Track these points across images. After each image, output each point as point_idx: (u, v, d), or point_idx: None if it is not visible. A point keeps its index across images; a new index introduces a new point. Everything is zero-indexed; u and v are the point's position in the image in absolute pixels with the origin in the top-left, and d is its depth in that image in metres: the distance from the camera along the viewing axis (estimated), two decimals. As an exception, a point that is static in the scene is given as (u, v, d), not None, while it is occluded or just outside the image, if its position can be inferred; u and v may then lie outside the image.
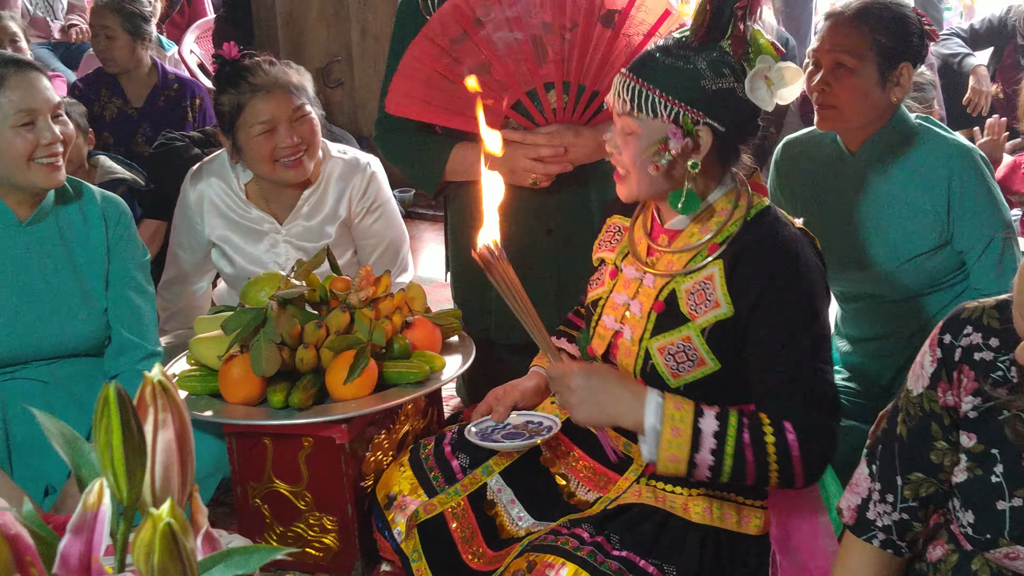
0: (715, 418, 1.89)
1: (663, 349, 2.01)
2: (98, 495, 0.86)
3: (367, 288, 2.47)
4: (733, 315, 1.96)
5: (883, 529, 1.63)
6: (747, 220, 2.01)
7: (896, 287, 2.59)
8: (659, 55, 1.97)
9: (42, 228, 2.50)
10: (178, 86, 4.49)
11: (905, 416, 1.60)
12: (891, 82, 2.49)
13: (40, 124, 2.40)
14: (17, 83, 2.39)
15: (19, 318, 2.45)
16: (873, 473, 1.64)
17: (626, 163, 2.01)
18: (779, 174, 2.77)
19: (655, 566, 1.96)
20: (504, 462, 2.27)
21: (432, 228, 5.21)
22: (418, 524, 2.19)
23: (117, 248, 2.58)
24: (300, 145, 2.80)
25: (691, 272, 2.02)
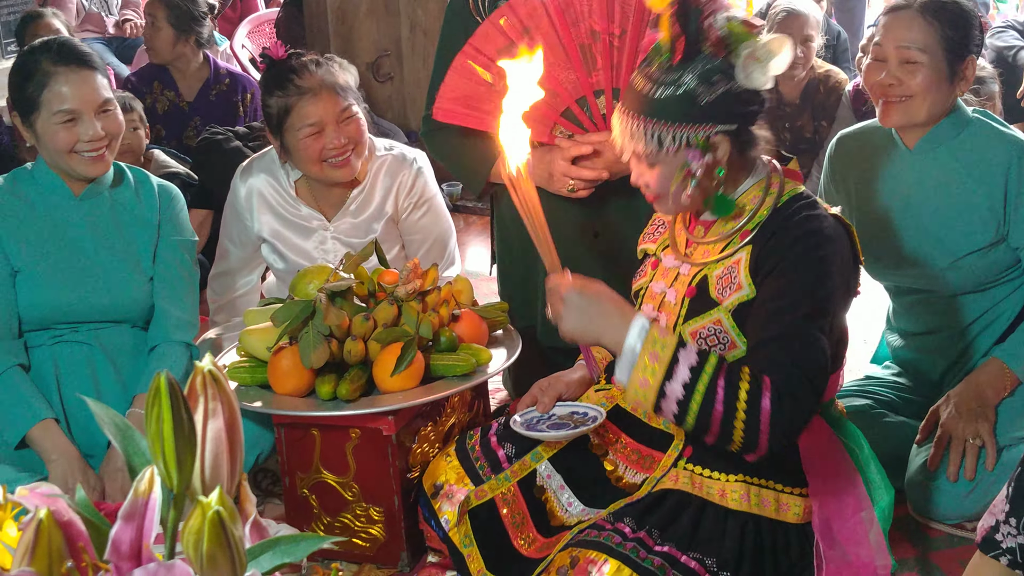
0: (696, 354, 1.86)
1: (695, 333, 2.03)
2: (149, 483, 0.88)
3: (414, 281, 2.48)
4: (755, 296, 1.98)
5: (1007, 551, 1.59)
6: (778, 206, 2.02)
7: (950, 283, 2.56)
8: (647, 88, 1.97)
9: (95, 203, 2.65)
10: (230, 81, 4.53)
11: None
12: (958, 76, 2.46)
13: (83, 121, 2.51)
14: (65, 81, 2.51)
15: (72, 280, 2.59)
16: (1008, 495, 1.59)
17: (656, 191, 2.04)
18: (833, 169, 2.74)
19: (696, 560, 1.96)
20: (553, 448, 2.28)
21: (479, 222, 5.21)
22: (469, 510, 2.20)
23: (167, 227, 2.70)
24: (347, 145, 2.81)
25: (723, 259, 2.04)
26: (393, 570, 2.45)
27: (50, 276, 2.58)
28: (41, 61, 2.52)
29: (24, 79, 2.53)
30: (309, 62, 2.81)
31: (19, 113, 2.57)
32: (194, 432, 0.88)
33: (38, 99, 2.51)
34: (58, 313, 2.59)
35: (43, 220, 2.61)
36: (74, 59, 2.54)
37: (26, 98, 2.53)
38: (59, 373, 2.61)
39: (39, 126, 2.53)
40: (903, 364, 2.77)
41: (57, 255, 2.59)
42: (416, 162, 2.99)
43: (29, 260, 2.58)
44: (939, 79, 2.45)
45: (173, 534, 0.90)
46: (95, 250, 2.62)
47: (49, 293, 2.57)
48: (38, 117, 2.52)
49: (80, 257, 2.61)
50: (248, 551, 0.91)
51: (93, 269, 2.61)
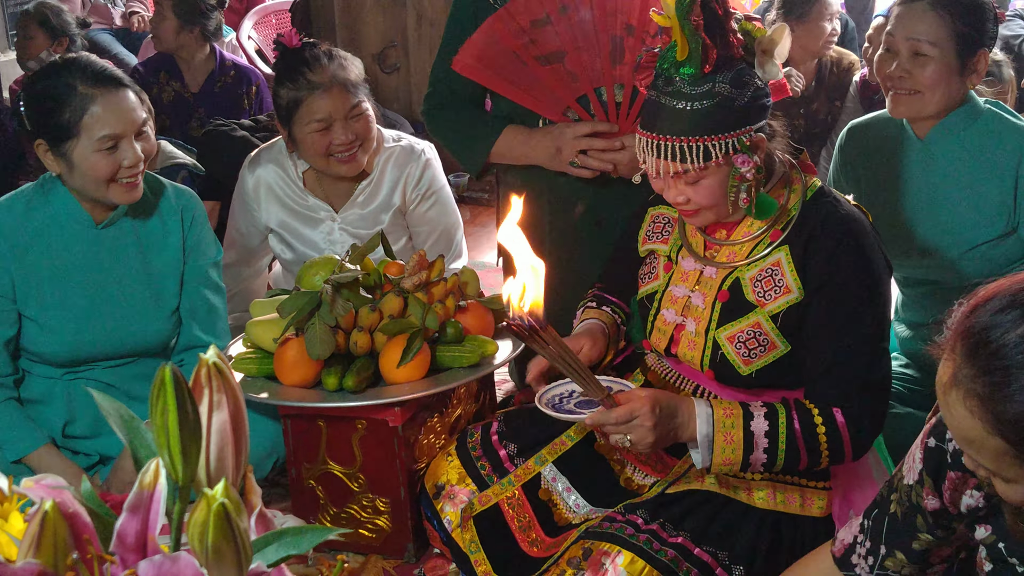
0: (764, 418, 1.92)
1: (732, 338, 2.01)
2: (154, 475, 0.87)
3: (421, 272, 2.48)
4: (803, 299, 1.97)
5: None
6: (805, 202, 2.00)
7: (960, 274, 2.55)
8: (680, 105, 1.91)
9: (116, 229, 2.51)
10: (235, 73, 4.53)
11: (899, 498, 1.58)
12: (969, 69, 2.45)
13: (123, 146, 2.35)
14: (105, 105, 2.32)
15: (88, 319, 2.48)
16: (865, 529, 1.63)
17: (702, 204, 1.98)
18: (844, 159, 2.73)
19: (710, 553, 1.96)
20: (557, 451, 2.26)
21: (486, 213, 5.20)
22: (474, 516, 2.20)
23: (194, 247, 2.58)
24: (355, 142, 2.81)
25: (755, 261, 2.01)
26: (399, 561, 2.45)
27: (66, 319, 2.46)
28: (76, 85, 2.31)
29: (58, 104, 2.31)
30: (322, 55, 2.80)
31: (48, 141, 2.34)
32: (199, 424, 0.88)
33: (77, 125, 2.30)
34: (73, 355, 2.49)
35: (61, 256, 2.46)
36: (109, 80, 2.36)
37: (62, 125, 2.31)
38: (72, 407, 2.54)
39: (76, 154, 2.32)
40: (911, 355, 2.76)
41: (75, 295, 2.47)
42: (424, 154, 2.98)
43: (44, 302, 2.45)
44: (949, 73, 2.44)
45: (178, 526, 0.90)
46: (116, 284, 2.50)
47: (66, 338, 2.46)
48: (76, 145, 2.32)
49: (99, 294, 2.49)
50: (253, 543, 0.91)
51: (113, 306, 2.50)
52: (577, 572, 1.95)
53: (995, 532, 1.45)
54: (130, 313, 2.51)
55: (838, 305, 1.94)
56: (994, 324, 1.23)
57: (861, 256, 1.96)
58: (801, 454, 1.93)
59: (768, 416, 1.93)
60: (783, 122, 2.09)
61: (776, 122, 2.05)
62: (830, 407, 1.93)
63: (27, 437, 2.45)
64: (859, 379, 1.94)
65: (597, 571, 1.93)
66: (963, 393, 1.24)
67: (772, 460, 1.94)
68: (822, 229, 1.97)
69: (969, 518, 1.48)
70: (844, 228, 1.97)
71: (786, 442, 1.92)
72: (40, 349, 2.48)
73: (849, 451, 1.95)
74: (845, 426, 1.92)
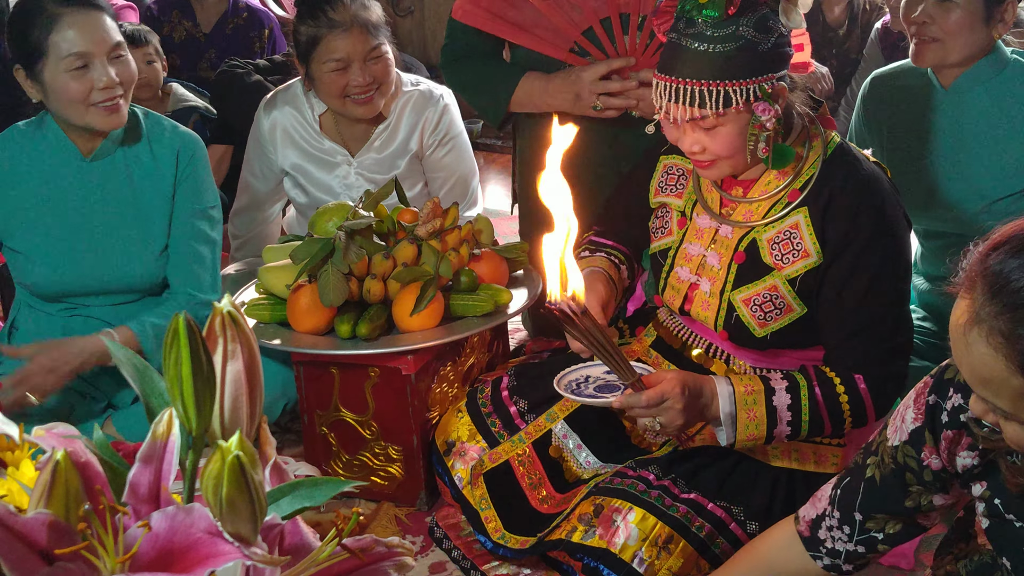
0: (786, 392, 1.92)
1: (748, 300, 1.99)
2: (167, 425, 0.86)
3: (435, 220, 2.45)
4: (822, 262, 1.94)
5: (830, 553, 1.62)
6: (824, 160, 1.96)
7: (982, 227, 2.50)
8: (702, 47, 1.86)
9: (107, 164, 2.48)
10: (248, 15, 4.48)
11: (879, 462, 1.55)
12: (995, 18, 2.40)
13: (96, 67, 2.32)
14: (71, 23, 2.30)
15: (75, 252, 2.46)
16: (834, 500, 1.62)
17: (719, 153, 1.93)
18: (866, 109, 2.69)
19: (723, 508, 1.96)
20: (569, 408, 2.25)
21: (500, 159, 5.17)
22: (484, 473, 2.19)
23: (183, 187, 2.53)
24: (372, 84, 2.77)
25: (772, 222, 1.97)
26: (411, 509, 2.46)
27: (52, 251, 2.45)
28: (46, 5, 2.30)
29: (27, 24, 2.31)
30: None
31: (24, 65, 2.34)
32: (213, 374, 0.86)
33: (44, 44, 2.29)
34: (62, 288, 2.48)
35: (48, 186, 2.44)
36: (79, 1, 2.33)
37: (30, 44, 2.30)
38: None
39: (47, 75, 2.31)
40: (929, 308, 2.73)
41: (60, 226, 2.45)
42: (443, 99, 2.94)
43: (30, 233, 2.44)
44: (974, 21, 2.39)
45: (192, 476, 0.89)
46: (103, 218, 2.47)
47: (50, 269, 2.45)
48: (45, 65, 2.30)
49: (85, 227, 2.46)
50: (268, 495, 0.89)
51: (98, 240, 2.47)
52: (588, 529, 1.95)
53: (990, 488, 1.44)
54: (115, 248, 2.49)
55: (860, 270, 1.91)
56: (1017, 263, 1.20)
57: (882, 219, 1.92)
58: (825, 423, 1.93)
59: (790, 390, 1.92)
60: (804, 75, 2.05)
61: (796, 74, 1.99)
62: (851, 373, 1.92)
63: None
64: (882, 344, 1.93)
65: (608, 528, 1.92)
66: (986, 331, 1.22)
67: (796, 431, 1.94)
68: (842, 192, 1.93)
69: (964, 477, 1.47)
70: (865, 191, 1.93)
71: (809, 414, 1.92)
72: (28, 279, 2.49)
73: (872, 415, 1.94)
74: (867, 392, 1.91)
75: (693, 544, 1.92)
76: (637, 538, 1.90)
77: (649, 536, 1.90)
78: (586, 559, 1.93)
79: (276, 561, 0.82)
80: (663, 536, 1.90)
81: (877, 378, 1.92)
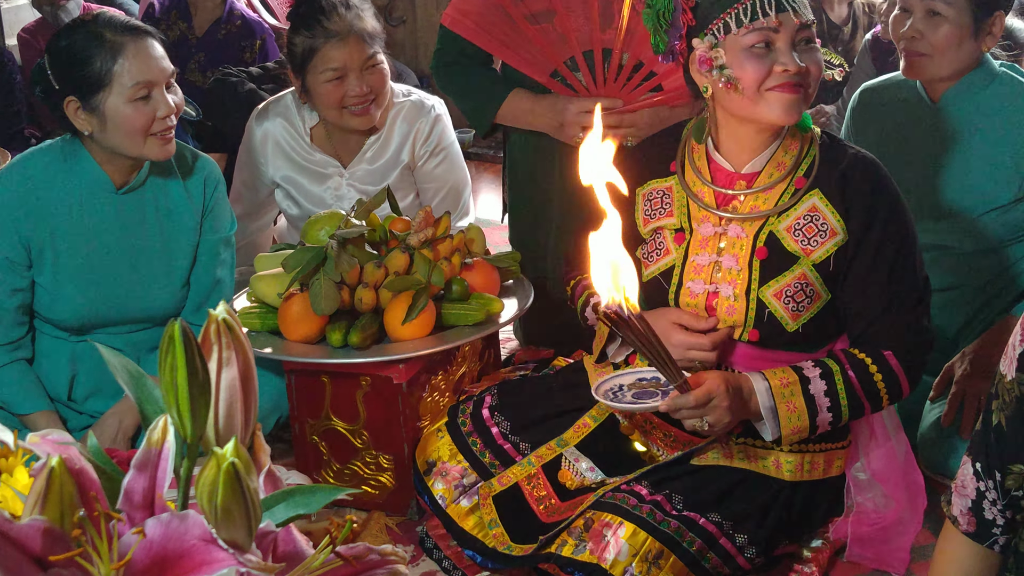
0: (821, 379, 1.94)
1: (780, 294, 2.00)
2: (162, 432, 0.86)
3: (427, 229, 2.46)
4: (848, 240, 1.98)
5: (1003, 529, 1.47)
6: (821, 145, 2.02)
7: (971, 239, 2.53)
8: None
9: (137, 196, 2.46)
10: (241, 23, 4.49)
11: (1000, 404, 1.45)
12: (984, 31, 2.41)
13: (156, 96, 2.30)
14: (135, 52, 2.27)
15: (100, 286, 2.44)
16: (980, 471, 1.48)
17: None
18: (855, 122, 2.70)
19: (715, 524, 1.96)
20: (578, 436, 2.21)
21: (492, 169, 5.17)
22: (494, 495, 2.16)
23: (210, 217, 2.54)
24: (369, 94, 2.77)
25: (786, 210, 2.00)
26: (402, 518, 2.45)
27: (77, 286, 2.42)
28: (104, 34, 2.26)
29: (87, 56, 2.25)
30: (339, 3, 2.75)
31: (79, 96, 2.28)
32: (208, 381, 0.86)
33: (108, 74, 2.24)
34: (82, 321, 2.46)
35: (78, 219, 2.40)
36: (136, 29, 2.30)
37: (92, 75, 2.25)
38: (76, 366, 2.51)
39: (109, 106, 2.26)
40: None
41: (89, 262, 2.42)
42: (435, 109, 2.95)
43: (58, 269, 2.42)
44: (963, 34, 2.41)
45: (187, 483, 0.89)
46: (130, 252, 2.45)
47: (75, 304, 2.42)
48: (108, 96, 2.26)
49: (114, 261, 2.44)
50: (263, 502, 0.89)
51: (126, 274, 2.45)
52: (579, 543, 1.94)
53: None
54: (142, 281, 2.48)
55: (887, 244, 1.97)
56: None
57: (896, 194, 2.00)
58: (864, 403, 1.98)
59: (824, 376, 1.95)
60: None
61: None
62: (881, 351, 1.97)
63: (31, 399, 2.44)
64: (911, 318, 1.98)
65: (599, 543, 1.91)
66: None
67: (838, 417, 1.97)
68: (853, 170, 1.99)
69: None
70: (873, 167, 2.01)
71: (847, 397, 1.95)
72: (50, 315, 2.46)
73: (906, 387, 1.99)
74: (899, 367, 1.97)
75: (684, 560, 1.91)
76: (628, 553, 1.89)
77: (640, 551, 1.90)
78: (576, 573, 1.92)
79: (270, 568, 0.82)
80: (654, 551, 1.90)
81: (908, 353, 1.98)
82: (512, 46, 2.62)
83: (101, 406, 2.52)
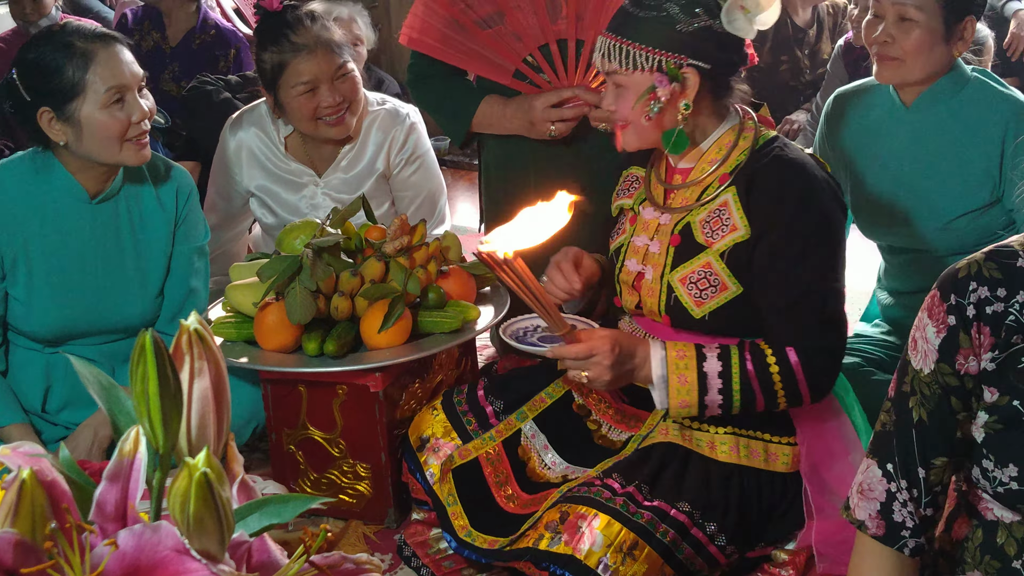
0: (717, 359, 1.97)
1: (684, 279, 2.06)
2: (134, 443, 0.86)
3: (402, 237, 2.46)
4: (750, 236, 2.01)
5: (912, 532, 1.48)
6: (754, 149, 2.06)
7: (944, 243, 2.55)
8: (632, 9, 2.01)
9: (111, 206, 2.45)
10: (215, 33, 4.48)
11: (921, 399, 1.46)
12: (955, 36, 2.43)
13: (129, 101, 2.31)
14: (106, 59, 2.28)
15: (74, 297, 2.43)
16: (891, 472, 1.48)
17: (623, 116, 2.06)
18: (829, 127, 2.72)
19: (686, 514, 1.98)
20: (538, 407, 2.28)
21: (467, 177, 5.18)
22: (453, 469, 2.20)
23: (184, 226, 2.54)
24: (343, 103, 2.77)
25: (704, 204, 2.07)
26: (379, 526, 2.45)
27: (52, 298, 2.41)
28: (74, 43, 2.27)
29: (59, 65, 2.25)
30: (304, 16, 2.75)
31: (52, 106, 2.28)
32: (180, 391, 0.86)
33: (81, 82, 2.25)
34: (57, 333, 2.44)
35: (52, 230, 2.40)
36: (104, 36, 2.32)
37: (65, 84, 2.25)
38: (50, 377, 2.50)
39: (83, 114, 2.27)
40: (892, 322, 2.76)
41: (64, 273, 2.41)
42: (409, 117, 2.95)
43: (32, 281, 2.40)
44: (934, 39, 2.43)
45: (159, 494, 0.88)
46: (105, 261, 2.45)
47: (50, 315, 2.41)
48: (82, 104, 2.26)
49: (88, 271, 2.43)
50: (236, 512, 0.89)
51: (100, 284, 2.45)
52: (554, 536, 1.96)
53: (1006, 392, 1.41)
54: (116, 291, 2.47)
55: (786, 245, 1.99)
56: None
57: (809, 196, 2.00)
58: (757, 395, 1.98)
59: (721, 357, 1.98)
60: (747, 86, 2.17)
61: (739, 84, 2.13)
62: (783, 346, 1.98)
63: (5, 412, 2.42)
64: (811, 317, 1.99)
65: (574, 534, 1.93)
66: None
67: (728, 402, 1.98)
68: (766, 170, 2.03)
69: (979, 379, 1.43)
70: (789, 169, 2.02)
71: (740, 382, 1.97)
72: (24, 327, 2.45)
73: (806, 391, 1.99)
74: (799, 364, 1.97)
75: (658, 550, 1.93)
76: (602, 544, 1.91)
77: (614, 542, 1.92)
78: (552, 567, 1.93)
79: (244, 578, 0.82)
80: (628, 542, 1.92)
81: (809, 350, 1.98)
82: (470, 54, 2.65)
83: (76, 417, 2.50)
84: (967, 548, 1.51)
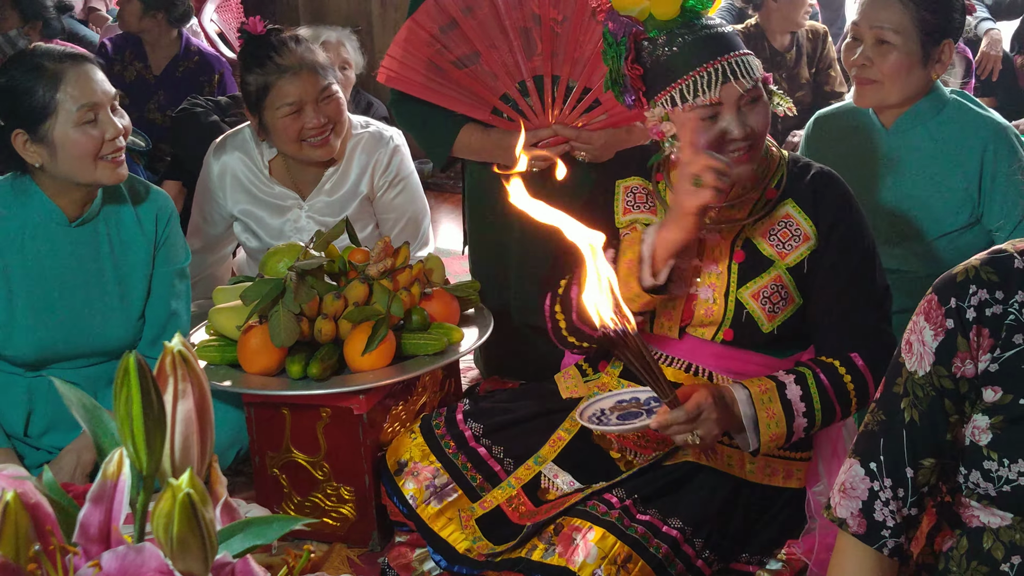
0: (795, 384, 1.99)
1: (756, 295, 2.08)
2: (118, 465, 0.86)
3: (386, 260, 2.46)
4: (818, 246, 2.07)
5: (893, 532, 1.49)
6: (789, 162, 2.13)
7: (925, 264, 2.57)
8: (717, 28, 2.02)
9: (90, 228, 2.45)
10: (199, 59, 4.48)
11: (913, 400, 1.47)
12: (933, 59, 2.46)
13: (102, 118, 2.31)
14: (75, 78, 2.28)
15: (55, 321, 2.43)
16: (875, 471, 1.49)
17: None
18: (810, 148, 2.75)
19: (677, 529, 1.99)
20: (555, 451, 2.23)
21: (451, 200, 5.19)
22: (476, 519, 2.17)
23: (163, 248, 2.54)
24: (327, 125, 2.78)
25: (760, 218, 2.09)
26: (363, 549, 2.45)
27: (34, 322, 2.40)
28: (43, 64, 2.27)
29: (29, 87, 2.26)
30: (288, 39, 2.77)
31: (26, 128, 2.28)
32: (164, 413, 0.87)
33: (51, 102, 2.26)
34: (38, 357, 2.44)
35: (31, 254, 2.39)
36: (73, 56, 2.32)
37: (35, 106, 2.26)
38: (33, 401, 2.49)
39: (56, 134, 2.27)
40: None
41: (45, 297, 2.40)
42: (393, 140, 2.96)
43: (13, 305, 2.39)
44: (911, 62, 2.46)
45: (143, 516, 0.89)
46: (85, 285, 2.45)
47: (30, 340, 2.41)
48: (55, 124, 2.27)
49: (68, 295, 2.42)
50: (219, 533, 0.90)
51: (81, 307, 2.44)
52: (548, 547, 1.97)
53: (1010, 390, 1.42)
54: (97, 314, 2.46)
55: (852, 249, 2.06)
56: None
57: (859, 206, 2.11)
58: (835, 407, 2.01)
59: (798, 381, 2.00)
60: None
61: None
62: (848, 353, 2.02)
63: None
64: (873, 320, 2.04)
65: (568, 546, 1.94)
66: None
67: (812, 422, 2.00)
68: (820, 179, 2.10)
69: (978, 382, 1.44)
70: (839, 181, 2.11)
71: (820, 400, 1.99)
72: (5, 351, 2.44)
73: (872, 389, 2.02)
74: (866, 368, 2.01)
75: (651, 564, 1.94)
76: (596, 556, 1.91)
77: (608, 555, 1.92)
78: None
79: (227, 599, 0.82)
80: (622, 555, 1.92)
81: (873, 353, 2.01)
82: (447, 92, 2.67)
83: (58, 441, 2.49)
84: (952, 557, 1.52)
